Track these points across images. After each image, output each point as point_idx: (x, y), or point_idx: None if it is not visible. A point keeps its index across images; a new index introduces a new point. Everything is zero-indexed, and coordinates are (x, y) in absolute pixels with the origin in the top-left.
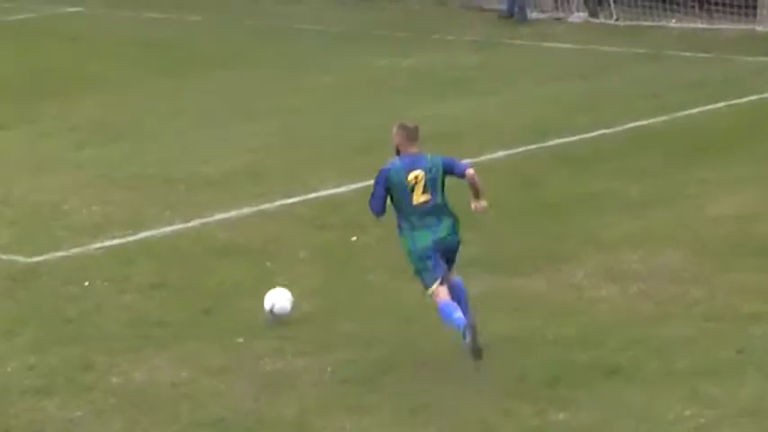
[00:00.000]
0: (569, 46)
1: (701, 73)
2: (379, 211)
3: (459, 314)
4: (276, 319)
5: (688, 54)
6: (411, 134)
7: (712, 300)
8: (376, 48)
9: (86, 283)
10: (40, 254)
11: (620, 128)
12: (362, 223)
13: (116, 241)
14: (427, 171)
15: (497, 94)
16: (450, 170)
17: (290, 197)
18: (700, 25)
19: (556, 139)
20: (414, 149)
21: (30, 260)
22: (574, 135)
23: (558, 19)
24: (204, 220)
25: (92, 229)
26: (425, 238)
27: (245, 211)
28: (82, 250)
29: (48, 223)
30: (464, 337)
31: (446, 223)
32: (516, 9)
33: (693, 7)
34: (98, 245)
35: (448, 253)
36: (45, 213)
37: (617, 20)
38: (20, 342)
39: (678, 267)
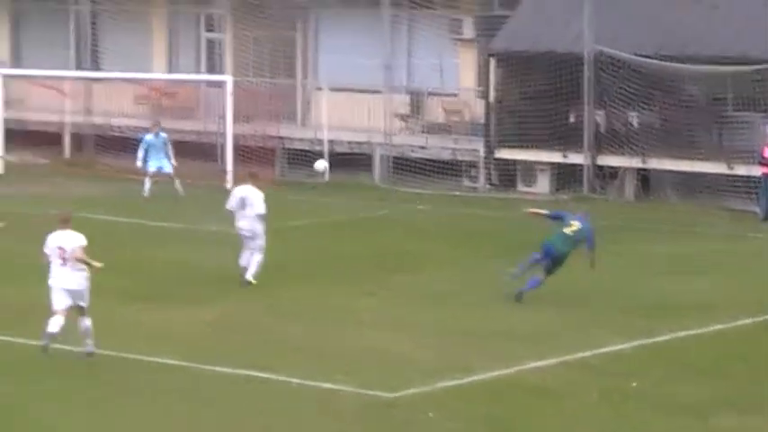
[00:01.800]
0: None
1: None
2: (554, 217)
3: (518, 271)
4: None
5: None
6: (575, 212)
7: None
8: (650, 237)
9: (430, 414)
10: (396, 390)
11: None
12: (641, 372)
13: (452, 382)
14: (581, 225)
15: (740, 274)
16: (587, 238)
17: (583, 351)
18: None
19: None
20: (580, 214)
21: (389, 395)
22: None
23: None
24: (519, 367)
25: (434, 372)
26: (549, 239)
27: (550, 361)
28: (426, 388)
29: (402, 367)
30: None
31: (567, 247)
32: None
33: None
34: (438, 384)
35: (556, 258)
36: (401, 359)
37: None
38: None
39: None
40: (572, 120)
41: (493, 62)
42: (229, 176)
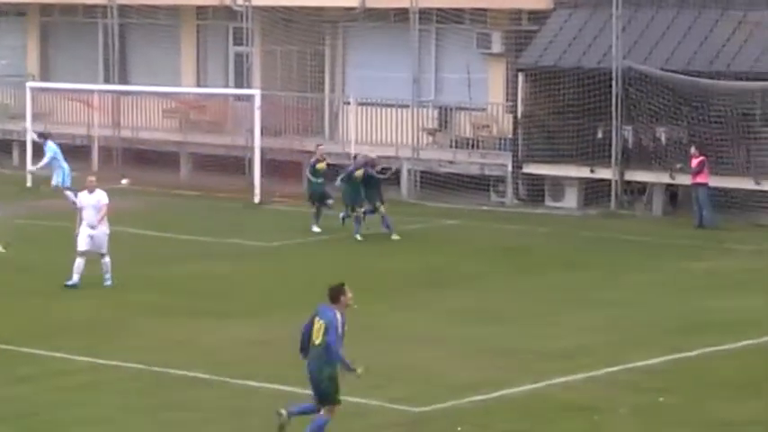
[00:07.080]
0: None
1: None
2: None
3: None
4: None
5: None
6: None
7: None
8: (679, 253)
9: (458, 429)
10: (425, 405)
11: None
12: (671, 388)
13: (480, 397)
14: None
15: None
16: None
17: (612, 366)
18: None
19: None
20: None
21: (416, 410)
22: None
23: None
24: (548, 383)
25: (464, 387)
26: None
27: (579, 376)
28: (455, 403)
29: (431, 382)
30: None
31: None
32: None
33: None
34: (467, 399)
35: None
36: (430, 374)
37: None
38: None
39: None
40: (600, 135)
41: (521, 77)
42: (257, 190)
